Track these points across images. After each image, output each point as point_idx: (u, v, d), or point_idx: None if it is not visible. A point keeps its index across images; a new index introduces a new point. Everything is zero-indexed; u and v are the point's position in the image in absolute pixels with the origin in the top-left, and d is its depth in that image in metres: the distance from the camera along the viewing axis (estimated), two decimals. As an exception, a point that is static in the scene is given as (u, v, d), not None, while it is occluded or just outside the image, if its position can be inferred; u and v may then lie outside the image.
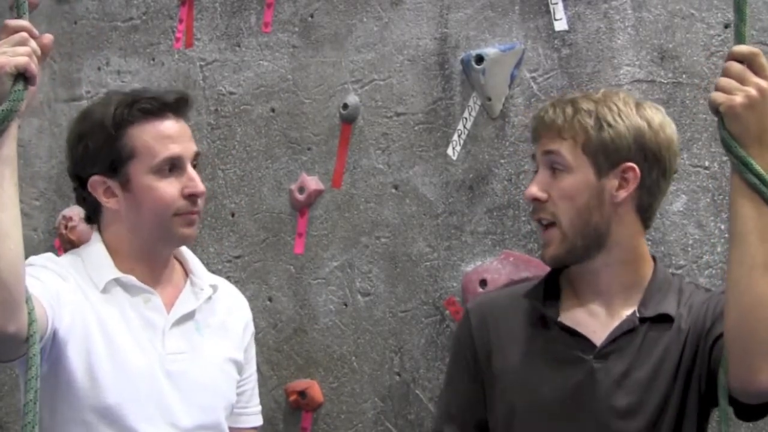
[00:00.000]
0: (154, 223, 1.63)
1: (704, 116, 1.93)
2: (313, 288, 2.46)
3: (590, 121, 1.54)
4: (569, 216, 1.55)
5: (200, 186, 1.64)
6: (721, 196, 1.91)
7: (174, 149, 1.62)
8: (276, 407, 2.48)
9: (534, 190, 1.57)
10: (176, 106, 1.65)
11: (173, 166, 1.62)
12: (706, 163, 1.94)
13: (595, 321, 1.58)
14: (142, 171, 1.61)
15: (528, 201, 1.60)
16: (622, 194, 1.55)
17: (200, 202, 1.66)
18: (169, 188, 1.62)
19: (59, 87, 3.03)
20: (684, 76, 1.96)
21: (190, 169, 1.64)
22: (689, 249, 1.94)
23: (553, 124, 1.56)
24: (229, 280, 1.93)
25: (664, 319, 1.54)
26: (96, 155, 1.62)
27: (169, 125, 1.64)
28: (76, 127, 1.68)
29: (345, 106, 2.40)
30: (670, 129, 1.58)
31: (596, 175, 1.54)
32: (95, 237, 1.68)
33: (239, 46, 2.63)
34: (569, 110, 1.55)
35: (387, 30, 2.36)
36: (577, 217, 1.54)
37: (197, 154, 1.68)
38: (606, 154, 1.54)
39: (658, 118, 1.57)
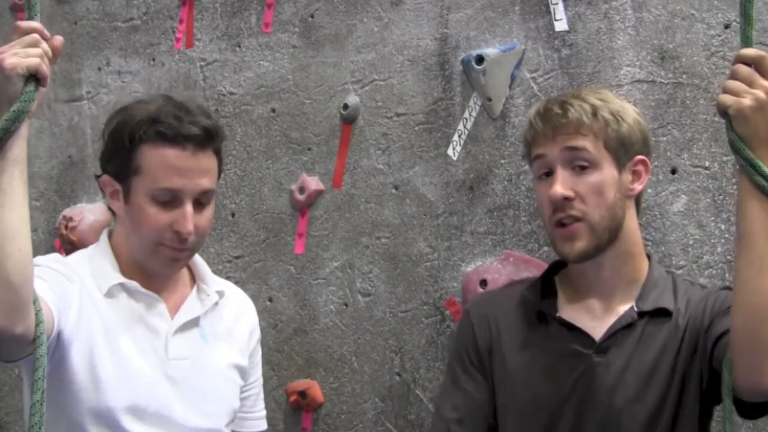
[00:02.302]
0: (140, 244, 1.60)
1: (704, 116, 1.93)
2: (313, 288, 2.46)
3: (609, 116, 1.55)
4: (600, 212, 1.55)
5: (188, 226, 1.55)
6: (721, 197, 1.91)
7: (176, 183, 1.55)
8: (276, 407, 2.47)
9: (561, 189, 1.55)
10: (196, 138, 1.56)
11: (172, 198, 1.56)
12: (707, 164, 1.94)
13: (593, 317, 1.59)
14: (141, 191, 1.57)
15: (556, 202, 1.56)
16: (638, 187, 1.58)
17: (191, 240, 1.58)
18: (159, 217, 1.56)
19: (59, 87, 3.02)
20: (684, 76, 1.96)
21: (187, 207, 1.56)
22: (689, 249, 1.94)
23: (575, 122, 1.55)
24: (230, 281, 1.93)
25: (662, 314, 1.55)
26: (111, 156, 1.61)
27: (182, 156, 1.56)
28: (112, 117, 1.64)
29: (345, 106, 2.40)
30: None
31: (617, 169, 1.56)
32: (103, 237, 1.68)
33: (239, 46, 2.63)
34: (586, 106, 1.56)
35: (387, 30, 2.36)
36: (607, 212, 1.55)
37: (206, 192, 1.59)
38: (625, 148, 1.57)
39: (637, 109, 1.64)
